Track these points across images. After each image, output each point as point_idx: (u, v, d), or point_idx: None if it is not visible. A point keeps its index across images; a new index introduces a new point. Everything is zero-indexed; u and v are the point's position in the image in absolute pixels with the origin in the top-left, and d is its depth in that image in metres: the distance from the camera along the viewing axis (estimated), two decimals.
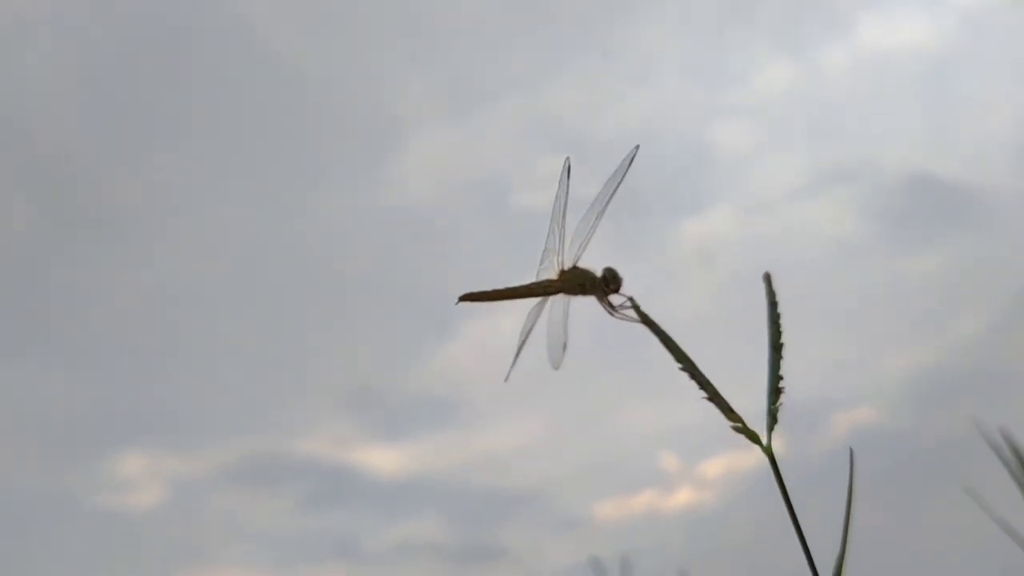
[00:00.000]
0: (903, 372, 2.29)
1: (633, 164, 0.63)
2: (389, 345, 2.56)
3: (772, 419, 0.54)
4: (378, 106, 2.60)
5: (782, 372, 0.55)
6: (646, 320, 0.58)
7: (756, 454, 0.56)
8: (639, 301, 0.60)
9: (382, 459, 2.56)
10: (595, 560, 1.25)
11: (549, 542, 2.30)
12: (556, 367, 0.64)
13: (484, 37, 2.56)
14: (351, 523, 2.53)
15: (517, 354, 0.64)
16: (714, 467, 2.26)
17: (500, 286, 0.66)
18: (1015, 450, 0.84)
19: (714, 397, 0.54)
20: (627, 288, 0.62)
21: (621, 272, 0.62)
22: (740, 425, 0.54)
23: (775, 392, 0.54)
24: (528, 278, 0.67)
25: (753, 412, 0.55)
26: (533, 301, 0.66)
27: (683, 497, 2.23)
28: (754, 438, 0.53)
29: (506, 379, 0.63)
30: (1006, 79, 2.57)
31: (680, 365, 0.56)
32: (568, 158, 0.65)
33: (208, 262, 2.63)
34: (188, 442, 2.59)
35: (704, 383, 0.54)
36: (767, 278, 0.58)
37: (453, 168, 2.52)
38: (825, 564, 0.55)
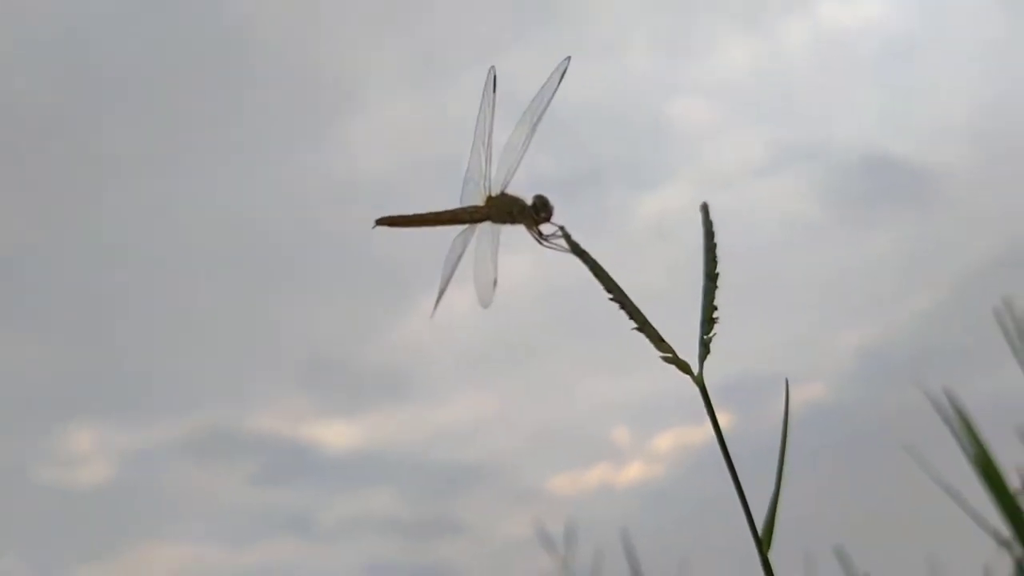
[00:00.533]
0: (855, 349, 2.30)
1: (564, 77, 0.57)
2: (344, 318, 2.53)
3: (704, 349, 0.52)
4: (335, 75, 2.56)
5: (716, 302, 0.53)
6: (576, 250, 0.55)
7: (706, 429, 0.54)
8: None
9: (337, 434, 2.54)
10: (542, 531, 1.25)
11: (504, 515, 2.28)
12: (485, 306, 0.60)
13: (444, 6, 2.52)
14: (305, 498, 2.50)
15: (442, 289, 0.59)
16: (665, 441, 2.26)
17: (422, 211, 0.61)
18: (958, 410, 0.84)
19: (644, 327, 0.52)
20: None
21: (552, 200, 0.57)
22: (670, 356, 0.52)
23: (708, 322, 0.52)
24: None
25: (719, 384, 0.53)
26: (457, 229, 0.61)
27: (635, 471, 2.23)
28: (684, 368, 0.51)
29: (431, 316, 0.59)
30: (964, 60, 2.58)
31: (610, 295, 0.54)
32: (493, 67, 0.58)
33: (160, 233, 2.58)
34: (139, 416, 2.54)
35: (634, 312, 0.53)
36: (704, 208, 0.56)
37: (411, 139, 2.49)
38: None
